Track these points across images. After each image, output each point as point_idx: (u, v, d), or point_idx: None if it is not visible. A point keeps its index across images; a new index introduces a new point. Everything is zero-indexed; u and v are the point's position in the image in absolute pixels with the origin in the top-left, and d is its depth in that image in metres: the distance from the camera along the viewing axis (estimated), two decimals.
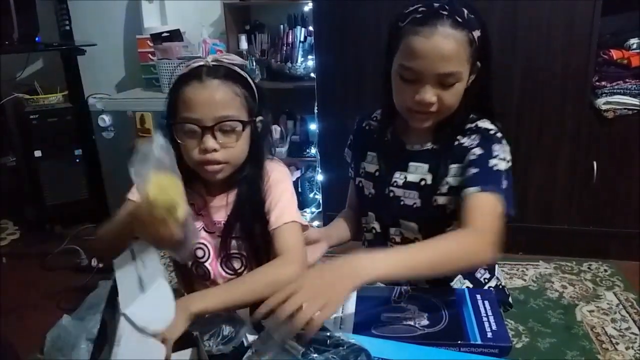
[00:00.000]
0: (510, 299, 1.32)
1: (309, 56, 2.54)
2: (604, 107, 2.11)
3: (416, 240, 1.15)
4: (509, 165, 1.04)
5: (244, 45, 2.61)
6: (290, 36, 2.60)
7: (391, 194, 1.16)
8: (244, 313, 0.96)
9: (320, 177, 2.47)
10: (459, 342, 0.85)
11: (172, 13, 2.83)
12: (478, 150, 1.05)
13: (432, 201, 1.11)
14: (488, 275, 1.27)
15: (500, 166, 1.03)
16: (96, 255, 2.15)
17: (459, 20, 1.00)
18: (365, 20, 2.20)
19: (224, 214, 1.15)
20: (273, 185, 1.13)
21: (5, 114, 2.89)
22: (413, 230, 1.15)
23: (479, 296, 0.98)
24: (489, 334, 0.86)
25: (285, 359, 0.77)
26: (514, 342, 1.66)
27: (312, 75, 2.43)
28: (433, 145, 1.14)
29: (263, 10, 2.78)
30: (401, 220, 1.16)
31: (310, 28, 2.48)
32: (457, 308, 0.94)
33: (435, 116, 1.08)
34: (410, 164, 1.15)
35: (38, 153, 2.64)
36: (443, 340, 0.85)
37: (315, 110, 2.40)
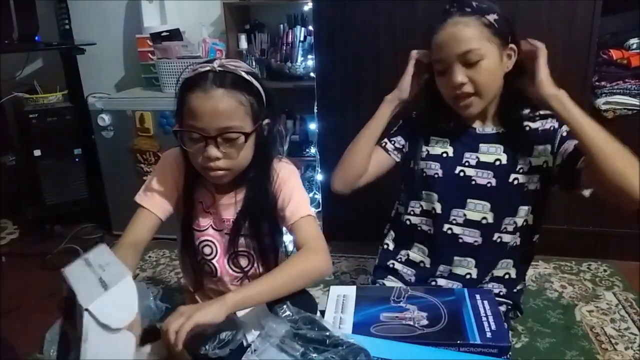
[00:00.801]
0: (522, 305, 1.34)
1: (309, 56, 2.54)
2: (603, 107, 2.11)
3: (484, 221, 1.20)
4: None
5: (243, 44, 2.61)
6: (290, 36, 2.60)
7: (462, 173, 1.20)
8: (261, 308, 0.97)
9: (319, 177, 2.47)
10: (458, 342, 0.85)
11: (172, 12, 2.83)
12: (565, 129, 1.16)
13: (509, 180, 1.17)
14: (515, 276, 1.29)
15: None
16: None
17: (467, 9, 1.12)
18: (365, 20, 2.20)
19: (233, 212, 1.16)
20: (282, 183, 1.15)
21: (5, 113, 2.89)
22: (483, 210, 1.19)
23: (478, 296, 0.98)
24: (488, 334, 0.86)
25: (284, 359, 0.77)
26: (513, 342, 1.66)
27: (312, 74, 2.43)
28: (502, 128, 1.22)
29: (263, 10, 2.78)
30: (470, 199, 1.19)
31: (310, 28, 2.48)
32: (457, 308, 0.94)
33: (478, 100, 1.13)
34: (481, 145, 1.21)
35: (37, 152, 2.64)
36: (442, 340, 0.85)
37: (315, 110, 2.40)
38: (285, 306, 0.86)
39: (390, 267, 1.36)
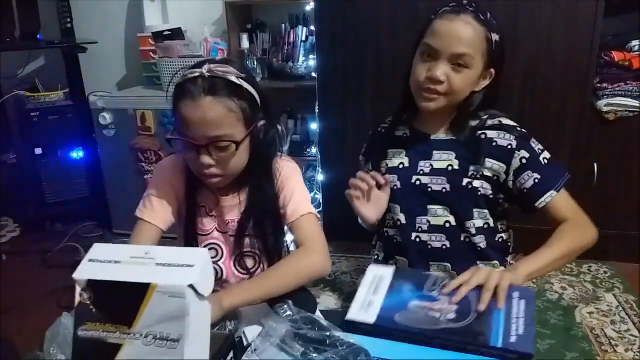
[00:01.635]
0: None
1: (311, 56, 2.54)
2: (605, 109, 2.11)
3: (447, 224, 1.20)
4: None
5: (245, 44, 2.61)
6: (292, 35, 2.60)
7: (418, 182, 1.20)
8: (263, 306, 0.97)
9: (320, 177, 2.47)
10: (478, 344, 0.79)
11: (174, 11, 2.84)
12: (524, 154, 1.15)
13: (462, 184, 1.17)
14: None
15: (546, 155, 1.17)
16: None
17: (482, 17, 1.12)
18: (367, 20, 2.20)
19: (237, 213, 1.16)
20: (285, 181, 1.15)
21: (7, 111, 2.89)
22: (444, 214, 1.20)
23: (517, 294, 0.90)
24: (513, 338, 0.79)
25: (284, 359, 0.77)
26: None
27: (314, 74, 2.43)
28: (455, 136, 1.21)
29: (265, 10, 2.78)
30: (430, 206, 1.20)
31: (312, 27, 2.48)
32: (490, 304, 0.87)
33: (443, 99, 1.13)
34: (435, 152, 1.21)
35: (39, 150, 2.65)
36: (461, 338, 0.80)
37: (317, 110, 2.40)
38: (286, 306, 0.85)
39: None
